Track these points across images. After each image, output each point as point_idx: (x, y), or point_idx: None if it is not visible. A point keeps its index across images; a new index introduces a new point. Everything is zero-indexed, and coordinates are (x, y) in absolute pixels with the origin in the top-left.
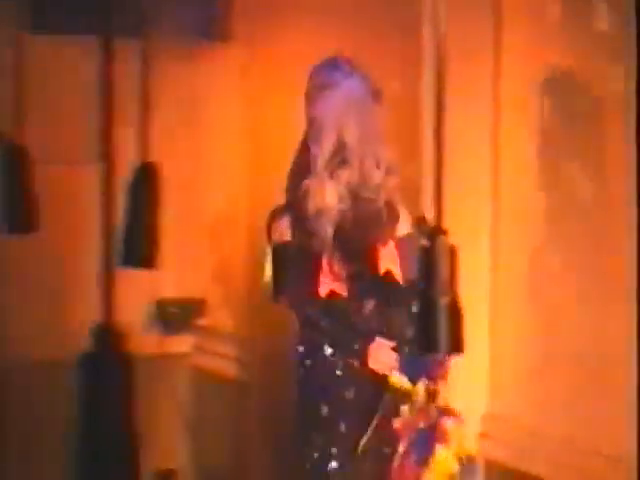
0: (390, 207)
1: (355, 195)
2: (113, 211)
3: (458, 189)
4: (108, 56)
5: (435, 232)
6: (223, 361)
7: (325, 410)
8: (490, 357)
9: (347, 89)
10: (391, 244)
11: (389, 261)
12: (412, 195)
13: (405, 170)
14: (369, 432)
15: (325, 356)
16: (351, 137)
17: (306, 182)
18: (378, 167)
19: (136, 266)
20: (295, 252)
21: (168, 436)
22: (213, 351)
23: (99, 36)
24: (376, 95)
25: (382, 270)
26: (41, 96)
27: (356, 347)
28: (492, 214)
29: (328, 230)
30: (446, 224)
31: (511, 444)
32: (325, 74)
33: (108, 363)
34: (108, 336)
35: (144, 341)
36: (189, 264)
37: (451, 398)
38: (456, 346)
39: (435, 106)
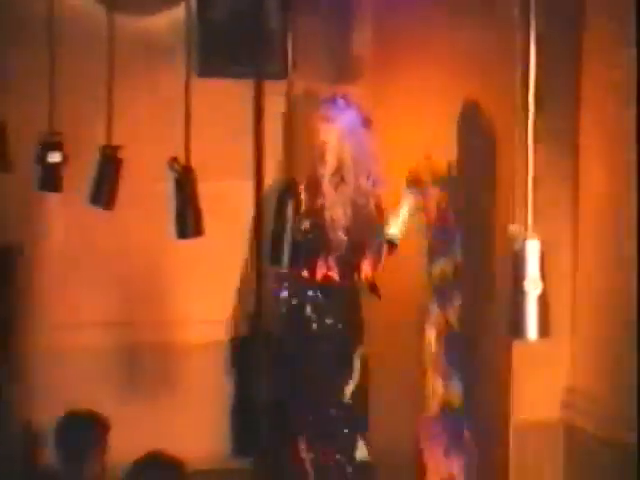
0: (379, 210)
1: (353, 202)
2: (263, 220)
3: (544, 202)
4: (259, 95)
5: (528, 238)
6: None
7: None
8: (571, 338)
9: (342, 121)
10: (375, 245)
11: (369, 266)
12: (508, 209)
13: (501, 189)
14: (355, 378)
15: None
16: (347, 159)
17: (321, 201)
18: (368, 179)
19: (281, 266)
20: (307, 244)
21: None
22: None
23: (252, 79)
24: (366, 122)
25: (363, 275)
26: (205, 128)
27: None
28: (571, 221)
29: (340, 235)
30: (535, 230)
31: (590, 412)
32: (325, 109)
33: (259, 343)
34: (259, 322)
35: None
36: None
37: (538, 373)
38: (544, 330)
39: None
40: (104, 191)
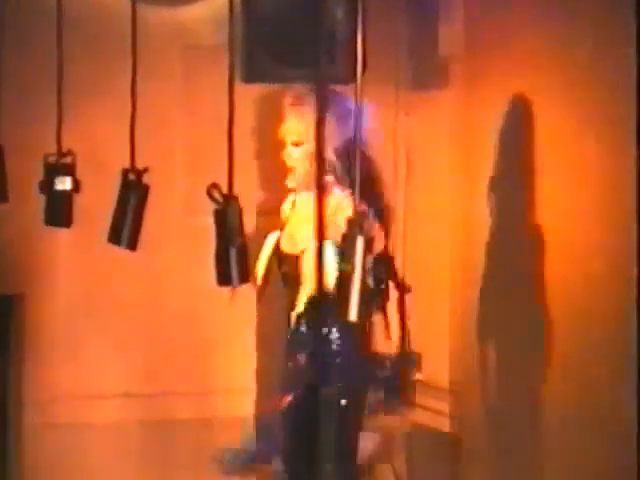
0: None
1: None
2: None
3: None
4: (321, 103)
5: None
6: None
7: None
8: None
9: None
10: None
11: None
12: None
13: None
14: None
15: None
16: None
17: None
18: None
19: None
20: None
21: None
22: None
23: (310, 84)
24: None
25: None
26: (252, 146)
27: None
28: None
29: None
30: None
31: None
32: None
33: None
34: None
35: None
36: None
37: None
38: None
39: None
40: (126, 226)
